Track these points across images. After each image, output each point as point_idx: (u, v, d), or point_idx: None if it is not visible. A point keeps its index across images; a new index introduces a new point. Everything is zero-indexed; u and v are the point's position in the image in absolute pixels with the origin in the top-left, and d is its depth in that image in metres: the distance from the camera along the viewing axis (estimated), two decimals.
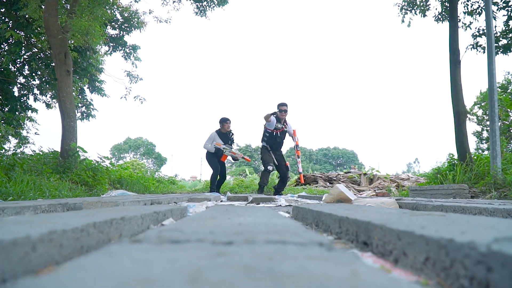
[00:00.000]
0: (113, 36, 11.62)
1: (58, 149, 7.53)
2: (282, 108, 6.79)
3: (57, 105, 8.98)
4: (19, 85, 11.34)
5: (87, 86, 11.67)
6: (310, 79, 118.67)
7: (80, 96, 11.63)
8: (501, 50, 8.13)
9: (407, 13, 9.34)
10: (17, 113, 11.19)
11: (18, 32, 9.68)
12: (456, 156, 7.32)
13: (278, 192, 7.07)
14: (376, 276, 0.48)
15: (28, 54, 10.69)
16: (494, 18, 7.91)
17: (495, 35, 7.84)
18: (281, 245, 0.70)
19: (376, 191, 9.46)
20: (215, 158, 7.26)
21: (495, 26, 7.95)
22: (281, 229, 0.98)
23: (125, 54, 11.92)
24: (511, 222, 1.07)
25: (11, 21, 9.99)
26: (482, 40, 8.46)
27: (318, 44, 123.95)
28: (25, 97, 11.45)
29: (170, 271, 0.48)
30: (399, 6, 9.36)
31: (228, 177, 14.65)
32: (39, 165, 6.40)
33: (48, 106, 11.75)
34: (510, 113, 14.02)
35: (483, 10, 8.30)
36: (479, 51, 8.46)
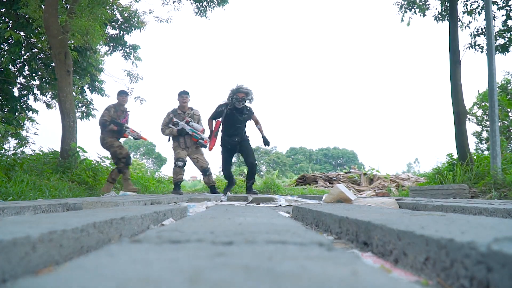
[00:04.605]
0: (113, 36, 11.61)
1: (58, 149, 7.53)
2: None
3: (57, 105, 8.98)
4: (19, 85, 11.34)
5: (87, 86, 11.67)
6: (310, 79, 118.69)
7: (80, 96, 11.63)
8: (498, 50, 8.14)
9: (406, 12, 9.34)
10: (17, 113, 11.19)
11: (18, 32, 9.67)
12: (456, 156, 7.32)
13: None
14: (376, 276, 0.48)
15: (28, 54, 10.68)
16: (494, 18, 7.91)
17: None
18: (281, 245, 0.70)
19: (376, 191, 9.46)
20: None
21: (493, 26, 7.96)
22: (281, 229, 0.98)
23: (125, 54, 11.91)
24: (511, 222, 1.07)
25: (11, 21, 9.98)
26: (481, 40, 8.48)
27: (318, 44, 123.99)
28: (25, 97, 11.45)
29: (170, 271, 0.48)
30: (398, 4, 9.36)
31: None
32: (39, 165, 6.41)
33: (48, 106, 11.75)
34: (510, 113, 14.02)
35: (482, 10, 8.31)
36: (477, 51, 8.47)
